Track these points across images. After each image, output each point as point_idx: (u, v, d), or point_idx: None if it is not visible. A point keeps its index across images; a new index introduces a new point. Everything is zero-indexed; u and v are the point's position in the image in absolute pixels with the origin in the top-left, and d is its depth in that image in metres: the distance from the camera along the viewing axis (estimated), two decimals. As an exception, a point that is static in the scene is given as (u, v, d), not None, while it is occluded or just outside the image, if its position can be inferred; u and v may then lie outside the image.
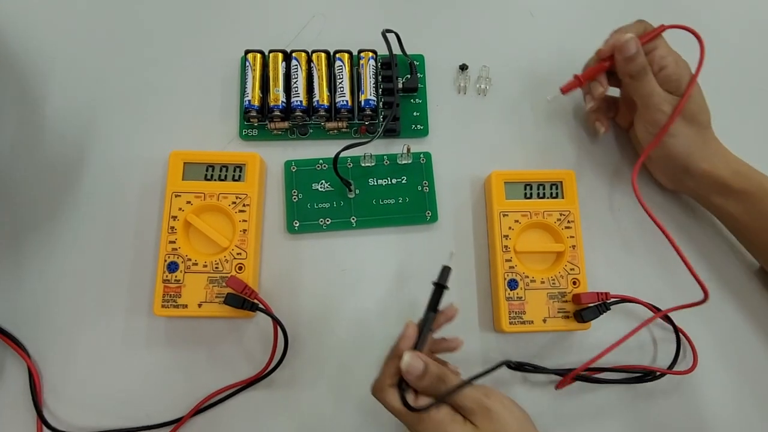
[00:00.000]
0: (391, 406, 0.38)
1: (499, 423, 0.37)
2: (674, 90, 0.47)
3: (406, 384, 0.39)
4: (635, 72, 0.46)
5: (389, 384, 0.39)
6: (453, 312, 0.43)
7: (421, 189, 0.52)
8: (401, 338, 0.40)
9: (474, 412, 0.37)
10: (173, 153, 0.49)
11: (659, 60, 0.47)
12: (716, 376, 0.51)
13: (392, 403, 0.38)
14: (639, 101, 0.48)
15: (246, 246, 0.48)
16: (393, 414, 0.39)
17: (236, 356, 0.49)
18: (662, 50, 0.47)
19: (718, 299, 0.52)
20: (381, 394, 0.39)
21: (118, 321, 0.49)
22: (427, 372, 0.38)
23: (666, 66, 0.46)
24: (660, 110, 0.46)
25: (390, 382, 0.39)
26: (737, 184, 0.47)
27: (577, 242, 0.50)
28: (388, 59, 0.53)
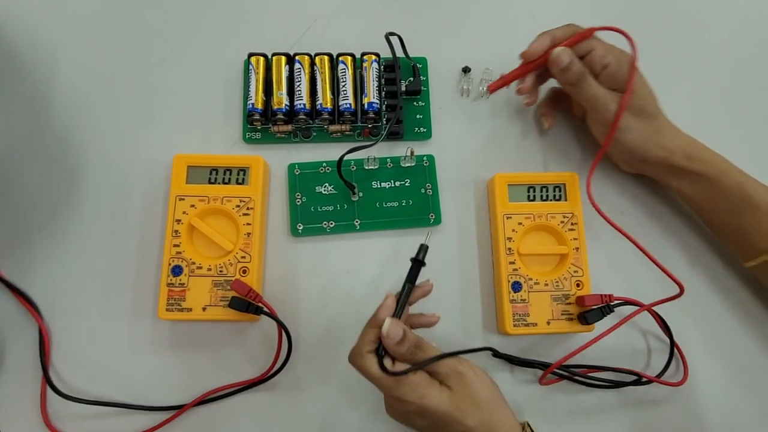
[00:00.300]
0: (369, 372, 0.39)
1: (473, 387, 0.39)
2: (620, 86, 0.47)
3: (384, 351, 0.40)
4: (573, 80, 0.47)
5: (368, 351, 0.40)
6: (429, 287, 0.44)
7: (425, 192, 0.52)
8: (380, 308, 0.41)
9: (449, 377, 0.39)
10: (177, 156, 0.49)
11: (599, 60, 0.47)
12: (708, 385, 0.51)
13: (370, 368, 0.39)
14: (585, 104, 0.49)
15: (250, 249, 0.48)
16: (370, 380, 0.40)
17: (240, 359, 0.49)
18: (600, 50, 0.47)
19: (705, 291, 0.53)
20: (360, 360, 0.40)
21: (122, 325, 0.49)
22: (406, 338, 0.40)
23: (608, 64, 0.47)
24: (607, 110, 0.47)
25: (368, 348, 0.40)
26: (692, 167, 0.48)
27: (580, 244, 0.50)
28: (391, 62, 0.53)
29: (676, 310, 0.50)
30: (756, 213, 0.46)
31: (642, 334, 0.52)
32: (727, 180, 0.47)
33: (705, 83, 0.59)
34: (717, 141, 0.49)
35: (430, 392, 0.39)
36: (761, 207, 0.46)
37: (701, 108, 0.58)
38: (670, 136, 0.48)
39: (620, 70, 0.47)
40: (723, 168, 0.47)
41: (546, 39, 0.47)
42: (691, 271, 0.53)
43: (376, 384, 0.40)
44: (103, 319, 0.49)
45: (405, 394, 0.39)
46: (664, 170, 0.49)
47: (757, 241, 0.47)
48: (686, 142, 0.48)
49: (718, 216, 0.49)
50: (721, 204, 0.48)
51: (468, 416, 0.38)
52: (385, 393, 0.40)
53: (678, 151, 0.48)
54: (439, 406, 0.38)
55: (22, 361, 0.48)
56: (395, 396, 0.39)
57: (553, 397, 0.50)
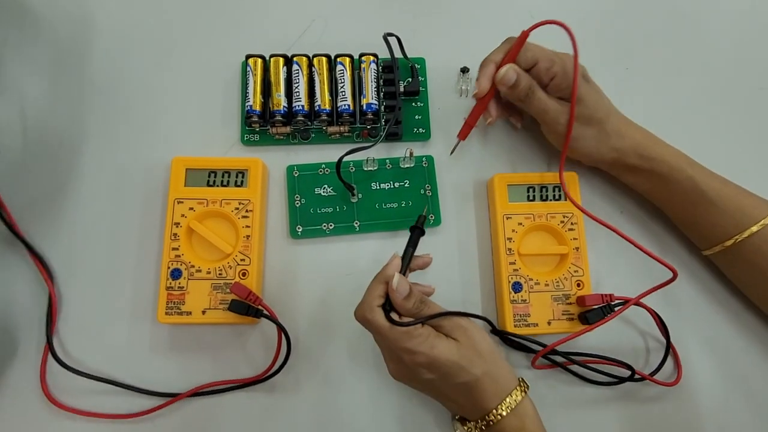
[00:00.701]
0: (378, 324, 0.41)
1: (475, 339, 0.41)
2: (569, 95, 0.47)
3: (390, 307, 0.42)
4: (523, 96, 0.47)
5: (376, 305, 0.41)
6: (428, 258, 0.46)
7: (424, 193, 0.52)
8: (387, 265, 0.43)
9: (453, 329, 0.42)
10: (175, 159, 0.49)
11: (545, 72, 0.46)
12: (703, 388, 0.51)
13: (379, 321, 0.41)
14: (537, 118, 0.49)
15: (249, 252, 0.48)
16: (378, 333, 0.41)
17: (240, 361, 0.49)
18: (545, 62, 0.46)
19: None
20: (369, 313, 0.41)
21: (121, 328, 0.49)
22: (412, 293, 0.42)
23: (555, 75, 0.46)
24: (558, 123, 0.47)
25: (377, 303, 0.41)
26: (643, 165, 0.48)
27: (580, 244, 0.50)
28: (389, 63, 0.53)
29: (674, 312, 0.50)
30: (708, 207, 0.47)
31: (641, 335, 0.52)
32: (678, 176, 0.48)
33: (702, 80, 0.59)
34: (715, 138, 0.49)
35: (439, 343, 0.40)
36: (714, 201, 0.47)
37: (696, 105, 0.58)
38: (622, 136, 0.48)
39: (567, 79, 0.46)
40: (675, 165, 0.48)
41: (490, 67, 0.47)
42: (690, 278, 0.53)
43: (384, 337, 0.41)
44: (102, 323, 0.49)
45: (416, 345, 0.40)
46: (618, 169, 0.50)
47: (711, 233, 0.48)
48: (638, 141, 0.48)
49: (673, 209, 0.51)
50: (675, 198, 0.49)
51: (474, 365, 0.40)
52: (392, 347, 0.41)
53: (630, 152, 0.48)
54: (449, 355, 0.40)
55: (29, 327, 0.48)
56: (405, 348, 0.40)
57: (546, 383, 0.50)
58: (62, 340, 0.48)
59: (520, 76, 0.46)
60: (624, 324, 0.52)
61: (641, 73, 0.58)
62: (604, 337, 0.50)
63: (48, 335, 0.47)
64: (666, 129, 0.51)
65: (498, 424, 0.40)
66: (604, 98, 0.49)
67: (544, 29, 0.45)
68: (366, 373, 0.49)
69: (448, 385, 0.41)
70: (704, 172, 0.48)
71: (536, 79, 0.47)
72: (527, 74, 0.47)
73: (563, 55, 0.47)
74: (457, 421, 0.44)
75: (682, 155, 0.49)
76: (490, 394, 0.41)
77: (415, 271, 0.46)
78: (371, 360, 0.49)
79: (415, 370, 0.41)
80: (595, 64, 0.57)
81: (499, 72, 0.46)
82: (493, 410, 0.40)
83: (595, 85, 0.49)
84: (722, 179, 0.48)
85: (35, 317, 0.48)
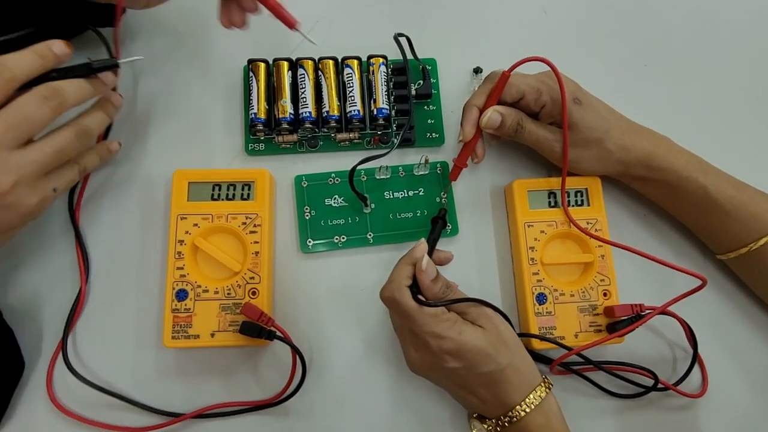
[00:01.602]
0: (407, 305, 0.39)
1: (501, 328, 0.41)
2: (562, 121, 0.45)
3: (416, 291, 0.41)
4: (512, 134, 0.46)
5: (405, 285, 0.40)
6: (450, 255, 0.45)
7: (440, 201, 0.50)
8: (414, 248, 0.42)
9: (479, 317, 0.41)
10: (177, 172, 0.46)
11: (534, 103, 0.46)
12: (728, 401, 0.49)
13: (409, 302, 0.39)
14: (532, 147, 0.48)
15: (259, 269, 0.45)
16: (404, 315, 0.40)
17: (252, 384, 0.46)
18: (532, 94, 0.45)
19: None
20: (398, 293, 0.40)
21: (125, 354, 0.46)
22: (439, 276, 0.41)
23: (544, 104, 0.46)
24: (554, 151, 0.47)
25: (406, 283, 0.41)
26: (652, 176, 0.47)
27: (606, 251, 0.48)
28: (399, 65, 0.51)
29: (700, 321, 0.48)
30: (721, 215, 0.46)
31: (669, 345, 0.50)
32: (689, 185, 0.46)
33: (722, 77, 0.56)
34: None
35: (466, 329, 0.39)
36: (727, 209, 0.45)
37: (715, 102, 0.56)
38: (627, 150, 0.46)
39: (557, 106, 0.45)
40: (684, 174, 0.46)
41: (473, 112, 0.46)
42: (717, 286, 0.51)
43: (411, 320, 0.39)
44: (104, 343, 0.46)
45: (444, 330, 0.39)
46: (626, 179, 0.49)
47: (725, 240, 0.47)
48: (645, 152, 0.46)
49: (685, 217, 0.50)
50: (686, 207, 0.48)
51: (500, 354, 0.39)
52: (419, 331, 0.39)
53: (636, 164, 0.47)
54: (477, 342, 0.39)
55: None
56: (433, 332, 0.39)
57: (566, 391, 0.48)
58: (77, 341, 0.46)
59: (505, 116, 0.45)
60: (651, 333, 0.50)
61: (660, 70, 0.56)
62: (630, 347, 0.48)
63: (65, 332, 0.45)
64: (685, 126, 0.49)
65: (521, 420, 0.39)
66: (602, 114, 0.46)
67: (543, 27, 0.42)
68: (386, 396, 0.47)
69: (472, 375, 0.39)
70: (718, 178, 0.46)
71: (525, 110, 0.46)
72: (514, 109, 0.46)
73: (549, 80, 0.45)
74: (475, 419, 0.42)
75: (694, 162, 0.47)
76: (514, 386, 0.39)
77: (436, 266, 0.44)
78: (390, 382, 0.47)
79: (440, 358, 0.39)
80: (613, 60, 0.56)
81: (482, 118, 0.45)
82: (517, 406, 0.39)
83: (591, 102, 0.46)
84: (738, 184, 0.46)
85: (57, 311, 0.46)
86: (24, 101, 0.36)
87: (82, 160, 0.42)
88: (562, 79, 0.44)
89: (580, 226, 0.47)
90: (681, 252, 0.52)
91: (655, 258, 0.44)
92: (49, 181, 0.39)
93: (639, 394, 0.48)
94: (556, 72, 0.44)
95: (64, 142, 0.39)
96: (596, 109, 0.46)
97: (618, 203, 0.52)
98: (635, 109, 0.49)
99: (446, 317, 0.40)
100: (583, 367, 0.47)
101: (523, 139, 0.47)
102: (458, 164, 0.48)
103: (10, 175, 0.36)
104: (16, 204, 0.37)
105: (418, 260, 0.41)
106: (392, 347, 0.48)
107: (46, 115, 0.37)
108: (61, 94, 0.37)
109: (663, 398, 0.49)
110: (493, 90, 0.45)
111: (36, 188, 0.38)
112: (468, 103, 0.47)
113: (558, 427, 0.40)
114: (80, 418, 0.44)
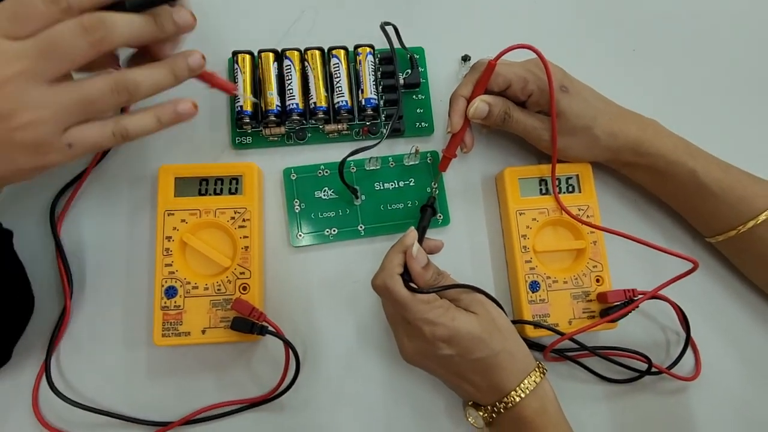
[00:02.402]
0: (398, 292, 0.39)
1: (494, 314, 0.41)
2: (549, 110, 0.45)
3: (408, 279, 0.41)
4: (500, 123, 0.46)
5: (397, 272, 0.40)
6: (440, 243, 0.45)
7: (431, 191, 0.49)
8: (404, 236, 0.42)
9: (471, 303, 0.41)
10: (163, 167, 0.46)
11: (521, 91, 0.45)
12: (722, 384, 0.49)
13: (401, 289, 0.39)
14: (520, 135, 0.48)
15: (249, 264, 0.45)
16: (397, 303, 0.39)
17: (246, 381, 0.46)
18: (518, 83, 0.45)
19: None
20: (390, 280, 0.39)
21: (116, 355, 0.45)
22: (430, 264, 0.41)
23: (531, 93, 0.45)
24: (542, 139, 0.46)
25: (397, 271, 0.40)
26: (640, 162, 0.47)
27: (598, 237, 0.48)
28: (387, 54, 0.50)
29: (694, 305, 0.48)
30: (710, 198, 0.46)
31: (662, 330, 0.50)
32: (677, 170, 0.46)
33: (711, 61, 0.56)
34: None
35: (459, 315, 0.39)
36: (716, 192, 0.45)
37: (705, 87, 0.56)
38: (615, 136, 0.46)
39: (545, 95, 0.45)
40: (673, 158, 0.46)
41: (460, 102, 0.46)
42: (709, 269, 0.51)
43: (404, 307, 0.39)
44: (93, 347, 0.45)
45: (438, 316, 0.39)
46: (615, 165, 0.49)
47: (714, 223, 0.47)
48: (633, 137, 0.46)
49: (674, 200, 0.50)
50: (675, 191, 0.48)
51: (494, 340, 0.39)
52: (412, 318, 0.39)
53: (624, 150, 0.46)
54: (470, 328, 0.39)
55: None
56: (426, 318, 0.39)
57: (560, 377, 0.48)
58: (61, 355, 0.45)
59: (492, 106, 0.45)
60: (644, 318, 0.50)
61: (649, 55, 0.56)
62: (624, 333, 0.48)
63: (48, 353, 0.44)
64: (674, 111, 0.49)
65: (516, 406, 0.39)
66: (589, 101, 0.46)
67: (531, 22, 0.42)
68: (380, 387, 0.46)
69: (466, 362, 0.39)
70: (706, 161, 0.46)
71: (513, 99, 0.46)
72: (501, 98, 0.45)
73: (536, 68, 0.45)
74: (470, 407, 0.42)
75: (682, 146, 0.47)
76: (509, 372, 0.39)
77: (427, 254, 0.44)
78: (384, 373, 0.47)
79: (433, 345, 0.39)
80: (602, 46, 0.56)
81: (470, 108, 0.45)
82: (512, 392, 0.39)
83: (578, 89, 0.46)
84: (726, 167, 0.46)
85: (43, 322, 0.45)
86: (60, 28, 0.31)
87: (121, 121, 0.35)
88: (549, 67, 0.43)
89: (572, 213, 0.47)
90: (671, 236, 0.52)
91: (646, 242, 0.44)
92: (66, 134, 0.33)
93: (633, 379, 0.48)
94: (543, 59, 0.43)
95: (95, 93, 0.33)
96: (583, 97, 0.46)
97: (608, 189, 0.52)
98: (624, 95, 0.48)
99: (439, 304, 0.40)
100: (578, 353, 0.47)
101: (511, 128, 0.47)
102: (447, 155, 0.47)
103: (27, 112, 0.31)
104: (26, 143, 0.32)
105: (409, 247, 0.41)
106: (386, 338, 0.47)
107: (82, 50, 0.31)
108: (105, 26, 0.31)
109: (657, 382, 0.49)
110: (480, 79, 0.45)
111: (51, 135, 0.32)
112: (455, 93, 0.46)
113: (553, 412, 0.40)
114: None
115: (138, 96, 0.34)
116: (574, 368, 0.48)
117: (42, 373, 0.44)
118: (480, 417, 0.41)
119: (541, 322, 0.46)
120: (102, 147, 0.35)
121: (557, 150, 0.46)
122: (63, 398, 0.43)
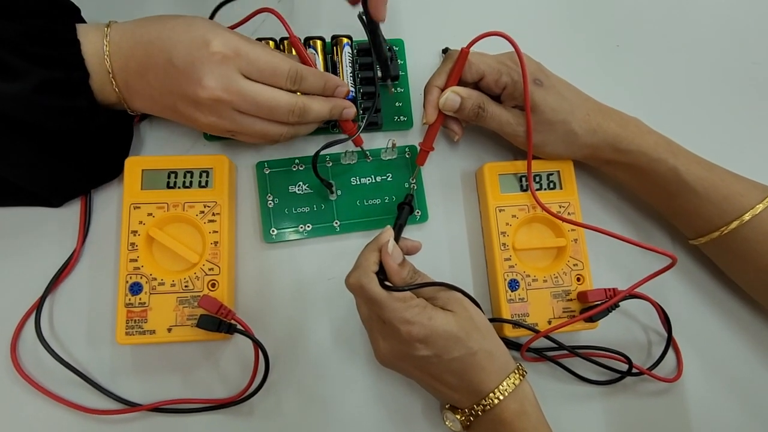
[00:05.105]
0: (374, 291, 0.38)
1: (471, 311, 0.39)
2: (523, 102, 0.44)
3: (383, 278, 0.39)
4: (473, 117, 0.45)
5: (372, 271, 0.39)
6: (418, 244, 0.43)
7: (409, 186, 0.48)
8: (380, 234, 0.40)
9: (449, 302, 0.39)
10: (129, 159, 0.44)
11: (495, 84, 0.44)
12: (701, 386, 0.48)
13: (376, 288, 0.38)
14: (495, 130, 0.47)
15: (218, 260, 0.43)
16: (372, 302, 0.38)
17: (214, 382, 0.44)
18: (492, 74, 0.44)
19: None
20: (365, 278, 0.38)
21: (79, 352, 0.43)
22: (406, 262, 0.40)
23: (505, 85, 0.44)
24: (517, 135, 0.45)
25: (373, 269, 0.39)
26: (620, 159, 0.46)
27: (579, 235, 0.47)
28: (365, 45, 0.49)
29: (678, 308, 0.48)
30: (691, 197, 0.45)
31: (644, 330, 0.49)
32: (659, 167, 0.45)
33: (694, 56, 0.56)
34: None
35: (436, 314, 0.38)
36: (698, 190, 0.44)
37: (688, 81, 0.55)
38: (593, 132, 0.45)
39: (518, 88, 0.44)
40: (654, 156, 0.45)
41: (434, 93, 0.45)
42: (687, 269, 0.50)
43: (380, 306, 0.38)
44: (54, 346, 0.43)
45: (414, 315, 0.37)
46: (594, 162, 0.48)
47: (697, 223, 0.46)
48: (613, 134, 0.45)
49: (656, 199, 0.48)
50: (656, 190, 0.47)
51: (471, 339, 0.38)
52: (387, 318, 0.38)
53: (604, 146, 0.45)
54: (447, 326, 0.38)
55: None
56: (402, 317, 0.37)
57: (539, 377, 0.47)
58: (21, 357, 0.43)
59: (465, 98, 0.44)
60: (626, 318, 0.49)
61: (632, 51, 0.55)
62: (605, 333, 0.47)
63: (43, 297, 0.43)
64: (657, 107, 0.48)
65: (495, 408, 0.37)
66: (565, 95, 0.45)
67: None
68: (356, 390, 0.45)
69: (443, 363, 0.38)
70: (689, 159, 0.45)
71: (487, 92, 0.45)
72: (476, 91, 0.44)
73: (510, 60, 0.44)
74: (447, 410, 0.41)
75: (663, 143, 0.45)
76: (488, 373, 0.38)
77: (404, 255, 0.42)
78: (359, 375, 0.45)
79: (410, 345, 0.38)
80: (585, 41, 0.55)
81: (440, 100, 0.44)
82: (491, 393, 0.38)
83: (554, 83, 0.45)
84: (708, 166, 0.45)
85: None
86: (282, 98, 0.40)
87: (304, 101, 0.42)
88: (522, 57, 0.42)
89: (550, 210, 0.45)
90: (651, 238, 0.51)
91: (625, 238, 0.43)
92: (238, 118, 0.40)
93: (614, 380, 0.47)
94: (517, 48, 0.42)
95: (281, 105, 0.40)
96: (558, 90, 0.45)
97: (588, 190, 0.51)
98: (606, 91, 0.48)
99: (415, 303, 0.38)
100: (558, 354, 0.46)
101: (486, 124, 0.45)
102: (424, 148, 0.46)
103: (218, 90, 0.38)
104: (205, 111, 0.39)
105: (384, 245, 0.39)
106: (361, 339, 0.46)
107: (281, 117, 0.41)
108: (305, 114, 0.41)
109: (638, 383, 0.48)
110: (453, 69, 0.44)
111: (222, 103, 0.39)
112: (429, 83, 0.45)
113: (533, 414, 0.38)
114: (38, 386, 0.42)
115: (302, 120, 0.42)
116: (554, 369, 0.47)
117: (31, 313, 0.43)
118: (458, 420, 0.39)
119: (520, 321, 0.44)
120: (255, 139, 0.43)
121: (534, 146, 0.45)
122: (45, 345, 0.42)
